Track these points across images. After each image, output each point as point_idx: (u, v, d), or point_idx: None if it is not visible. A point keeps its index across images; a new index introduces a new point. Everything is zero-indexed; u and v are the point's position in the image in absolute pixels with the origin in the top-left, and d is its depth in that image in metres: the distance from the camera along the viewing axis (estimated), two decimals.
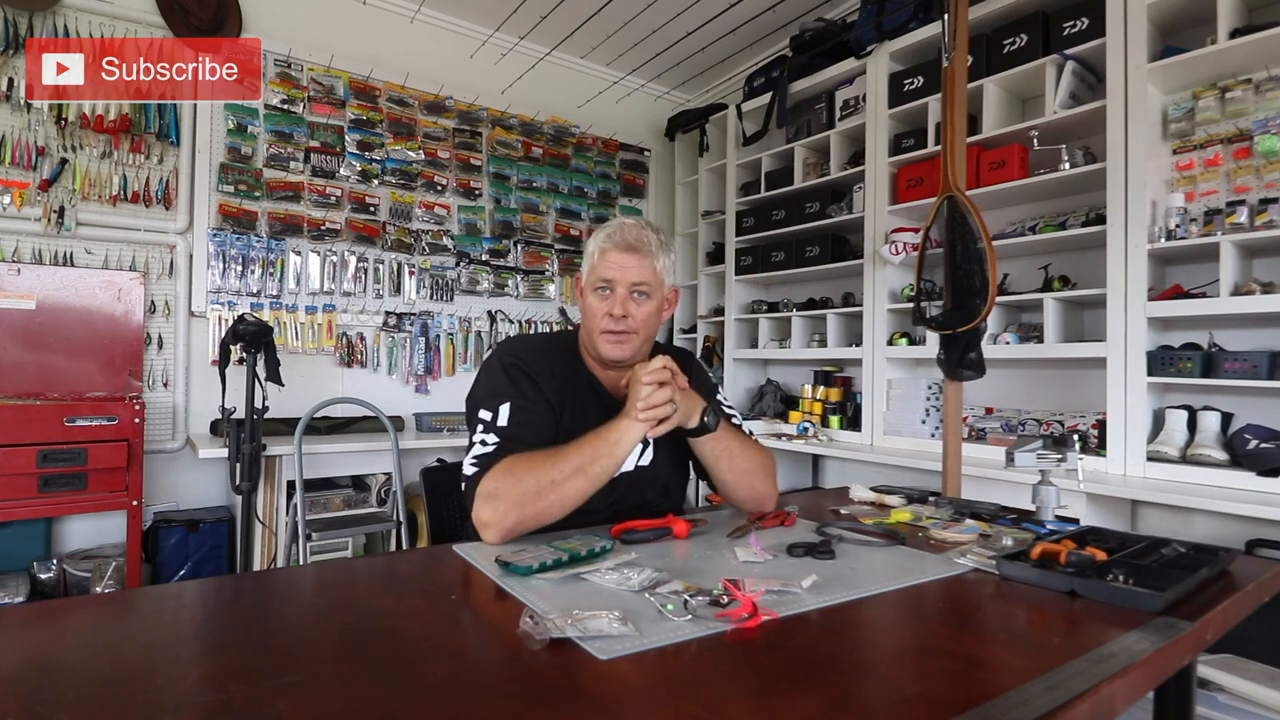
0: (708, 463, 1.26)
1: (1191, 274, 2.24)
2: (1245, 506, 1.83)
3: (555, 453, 1.10)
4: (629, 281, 1.22)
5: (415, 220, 3.55)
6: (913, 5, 2.91)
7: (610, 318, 1.22)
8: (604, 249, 1.24)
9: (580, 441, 1.11)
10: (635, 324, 1.23)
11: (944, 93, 1.98)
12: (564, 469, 1.08)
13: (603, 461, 1.10)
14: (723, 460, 1.25)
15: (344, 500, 2.93)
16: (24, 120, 2.65)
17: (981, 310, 1.89)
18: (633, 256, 1.23)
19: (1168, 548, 1.01)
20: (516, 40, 3.70)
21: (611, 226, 1.26)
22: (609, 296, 1.23)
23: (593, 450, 1.10)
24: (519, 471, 1.09)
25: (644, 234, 1.25)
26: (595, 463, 1.09)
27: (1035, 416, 2.63)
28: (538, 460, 1.10)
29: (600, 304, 1.23)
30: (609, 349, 1.23)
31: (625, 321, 1.22)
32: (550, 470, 1.08)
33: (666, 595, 0.82)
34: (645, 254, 1.24)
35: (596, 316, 1.23)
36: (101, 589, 2.48)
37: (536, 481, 1.07)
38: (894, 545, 1.10)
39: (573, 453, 1.10)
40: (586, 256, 1.29)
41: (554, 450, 1.11)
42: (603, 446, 1.10)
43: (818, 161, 3.48)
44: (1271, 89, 2.05)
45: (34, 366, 2.60)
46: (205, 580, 2.08)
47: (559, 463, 1.08)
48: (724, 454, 1.25)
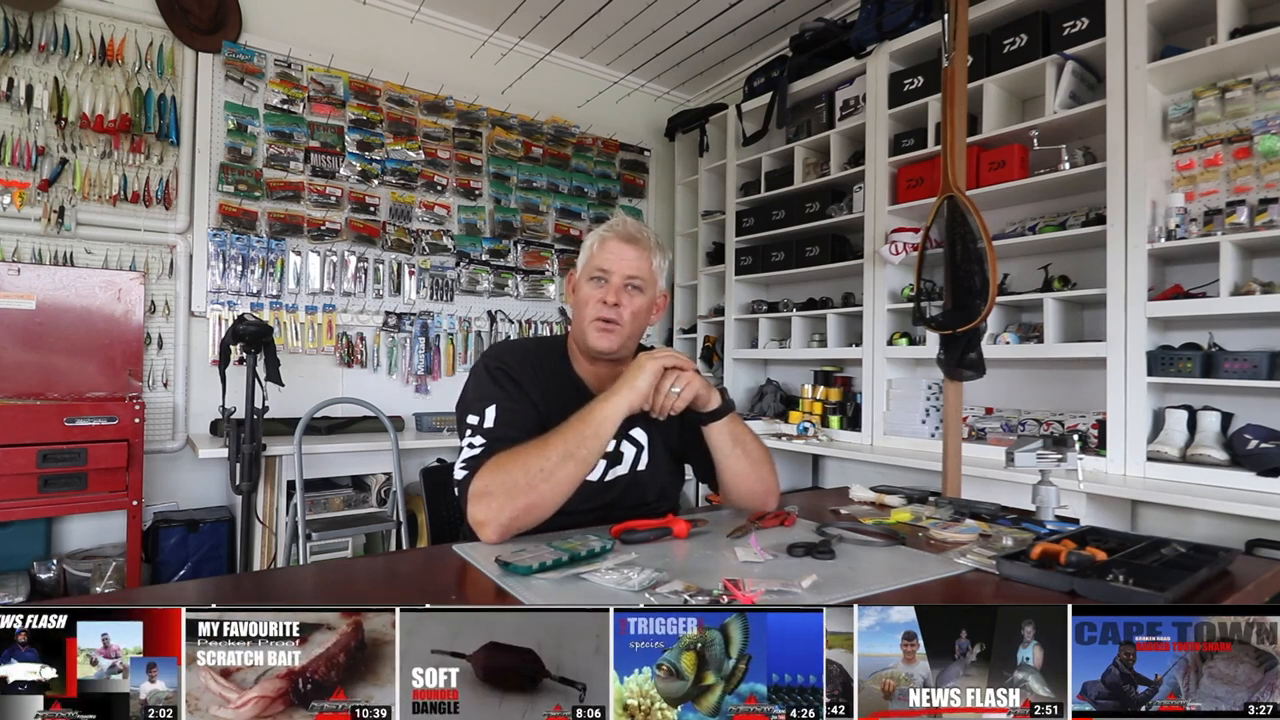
0: (721, 451, 1.25)
1: (1191, 274, 2.24)
2: (1245, 506, 1.83)
3: (540, 442, 1.10)
4: (625, 273, 1.23)
5: (415, 220, 3.55)
6: (913, 5, 2.91)
7: (603, 304, 1.22)
8: (604, 238, 1.26)
9: (563, 427, 1.10)
10: (625, 314, 1.23)
11: (944, 93, 1.98)
12: (551, 457, 1.07)
13: (589, 443, 1.09)
14: (737, 447, 1.24)
15: (344, 500, 2.93)
16: (24, 120, 2.65)
17: (981, 310, 1.88)
18: (632, 248, 1.24)
19: (1168, 548, 1.01)
20: (516, 40, 3.70)
21: (611, 220, 1.29)
22: (604, 285, 1.24)
23: (576, 434, 1.09)
24: (507, 466, 1.08)
25: (644, 229, 1.28)
26: (582, 445, 1.09)
27: (1035, 416, 2.63)
28: (524, 452, 1.09)
29: (594, 292, 1.24)
30: (597, 337, 1.23)
31: (617, 310, 1.22)
32: (538, 460, 1.07)
33: (666, 595, 0.82)
34: (644, 248, 1.25)
35: (590, 304, 1.24)
36: (101, 589, 2.48)
37: (526, 473, 1.07)
38: (894, 545, 1.10)
39: (556, 440, 1.09)
40: (584, 249, 1.30)
41: (538, 440, 1.10)
42: (586, 429, 1.10)
43: (818, 161, 3.48)
44: (1271, 89, 2.05)
45: (34, 366, 2.60)
46: (205, 580, 2.09)
47: (545, 451, 1.08)
48: (738, 440, 1.24)
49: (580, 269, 1.29)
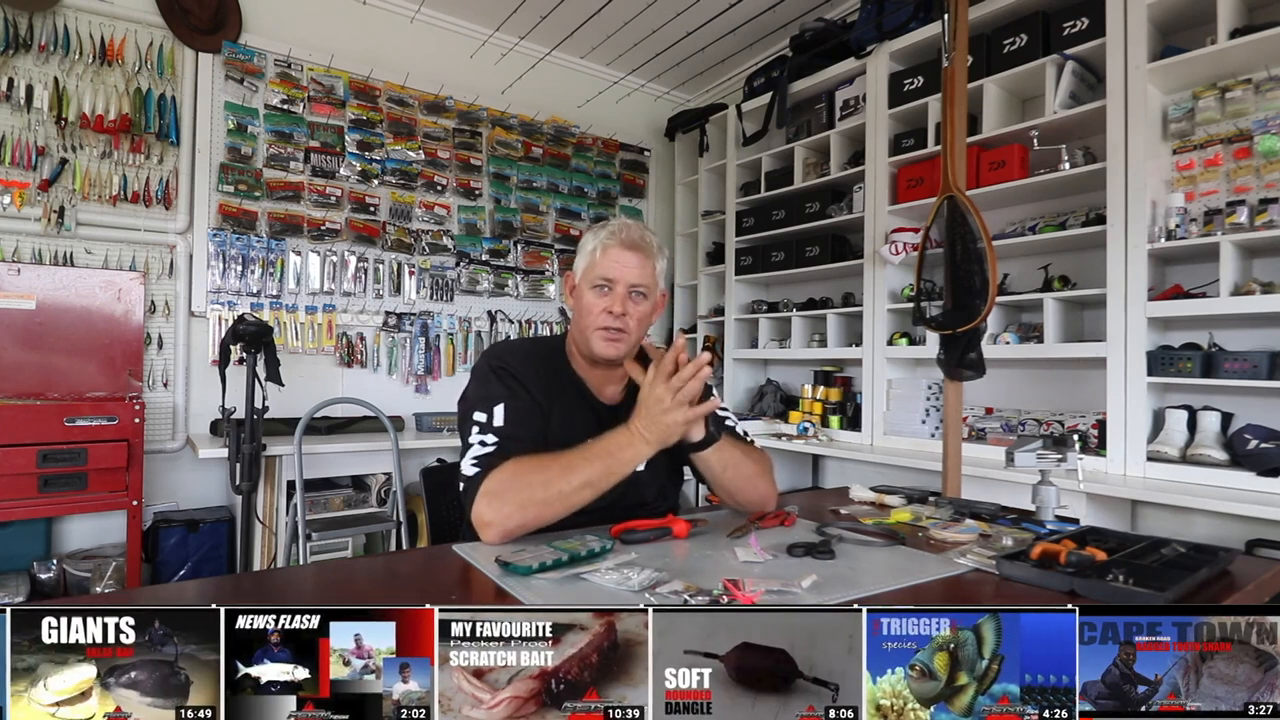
0: (712, 474, 1.26)
1: (1191, 274, 2.24)
2: (1245, 506, 1.83)
3: (566, 464, 1.10)
4: (629, 281, 1.23)
5: (415, 220, 3.55)
6: (913, 5, 2.91)
7: (609, 315, 1.22)
8: (606, 245, 1.24)
9: (590, 455, 1.11)
10: (631, 323, 1.23)
11: (944, 93, 1.98)
12: (573, 482, 1.08)
13: (613, 479, 1.11)
14: (728, 470, 1.25)
15: (344, 500, 2.93)
16: (24, 120, 2.64)
17: (981, 310, 1.88)
18: (635, 256, 1.23)
19: (1168, 548, 1.01)
20: (516, 40, 3.70)
21: (612, 225, 1.26)
22: (608, 294, 1.23)
23: (604, 468, 1.10)
24: (526, 475, 1.09)
25: (646, 234, 1.26)
26: (605, 479, 1.11)
27: (1035, 416, 2.63)
28: (546, 468, 1.09)
29: (599, 301, 1.23)
30: (604, 346, 1.23)
31: (623, 320, 1.22)
32: (559, 481, 1.08)
33: (666, 595, 0.82)
34: (647, 254, 1.24)
35: (594, 313, 1.23)
36: (101, 589, 2.48)
37: (545, 490, 1.07)
38: (894, 545, 1.10)
39: (584, 467, 1.09)
40: (584, 253, 1.28)
41: (563, 460, 1.10)
42: (615, 465, 1.11)
43: (818, 161, 3.48)
44: (1271, 89, 2.05)
45: (34, 366, 2.60)
46: (205, 580, 2.08)
47: (570, 476, 1.09)
48: (729, 464, 1.25)
49: (581, 273, 1.28)
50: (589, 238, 1.28)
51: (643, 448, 1.12)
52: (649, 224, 4.38)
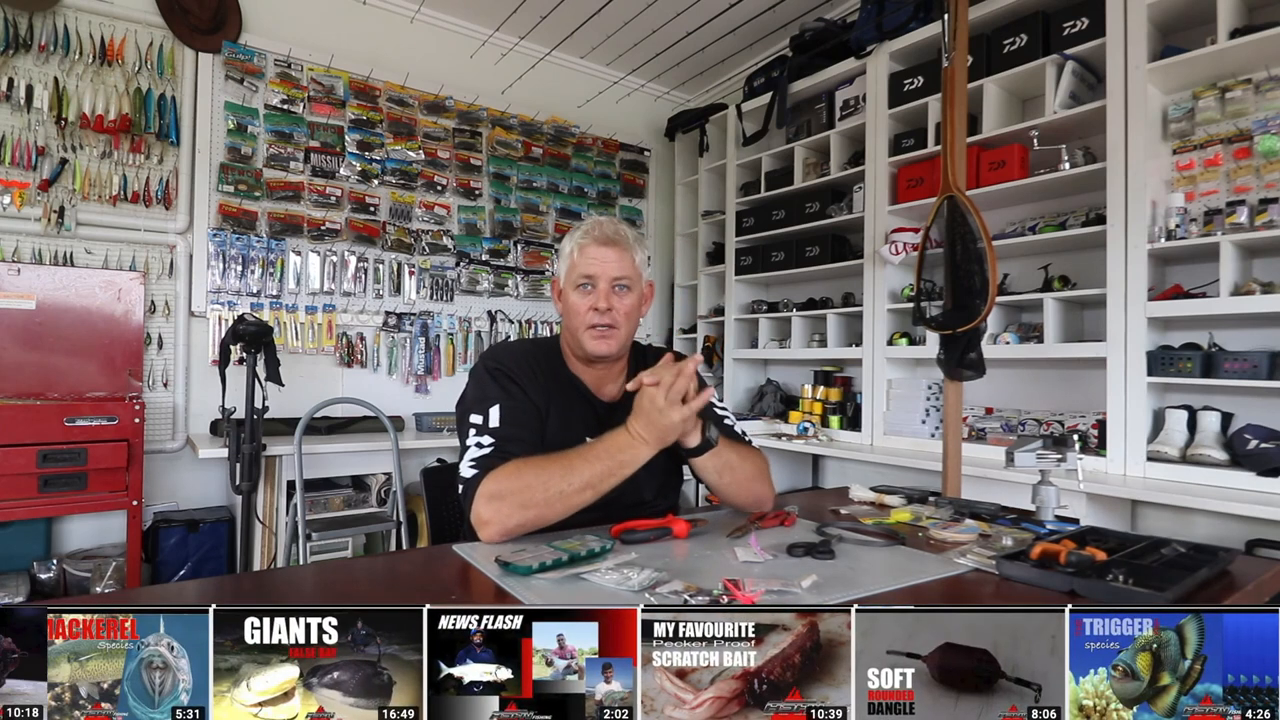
0: (709, 478, 1.26)
1: (1191, 274, 2.24)
2: (1245, 506, 1.83)
3: (566, 465, 1.10)
4: (610, 276, 1.24)
5: (415, 220, 3.55)
6: (913, 5, 2.91)
7: (595, 312, 1.23)
8: (582, 245, 1.25)
9: (590, 456, 1.11)
10: (619, 317, 1.24)
11: (944, 93, 1.98)
12: (574, 482, 1.08)
13: (613, 480, 1.11)
14: (724, 474, 1.25)
15: (344, 500, 2.93)
16: (24, 120, 2.64)
17: (981, 310, 1.88)
18: (612, 250, 1.24)
19: (1168, 548, 1.01)
20: (516, 40, 3.70)
21: (586, 224, 1.28)
22: (591, 292, 1.24)
23: (605, 469, 1.10)
24: (526, 476, 1.09)
25: (620, 228, 1.27)
26: (606, 481, 1.11)
27: (1035, 416, 2.63)
28: (546, 468, 1.10)
29: (583, 300, 1.24)
30: (595, 344, 1.24)
31: (610, 315, 1.23)
32: (559, 482, 1.08)
33: (666, 595, 0.82)
34: (624, 247, 1.26)
35: (580, 313, 1.24)
36: (101, 589, 2.48)
37: (545, 491, 1.08)
38: (894, 545, 1.10)
39: (582, 467, 1.10)
40: (563, 257, 1.30)
41: (563, 461, 1.11)
42: (615, 467, 1.11)
43: (818, 161, 3.48)
44: (1271, 89, 2.05)
45: (34, 366, 2.60)
46: (205, 580, 2.09)
47: (569, 476, 1.09)
48: (725, 468, 1.25)
49: (564, 276, 1.29)
50: (566, 240, 1.30)
51: (642, 449, 1.12)
52: (649, 224, 4.40)
